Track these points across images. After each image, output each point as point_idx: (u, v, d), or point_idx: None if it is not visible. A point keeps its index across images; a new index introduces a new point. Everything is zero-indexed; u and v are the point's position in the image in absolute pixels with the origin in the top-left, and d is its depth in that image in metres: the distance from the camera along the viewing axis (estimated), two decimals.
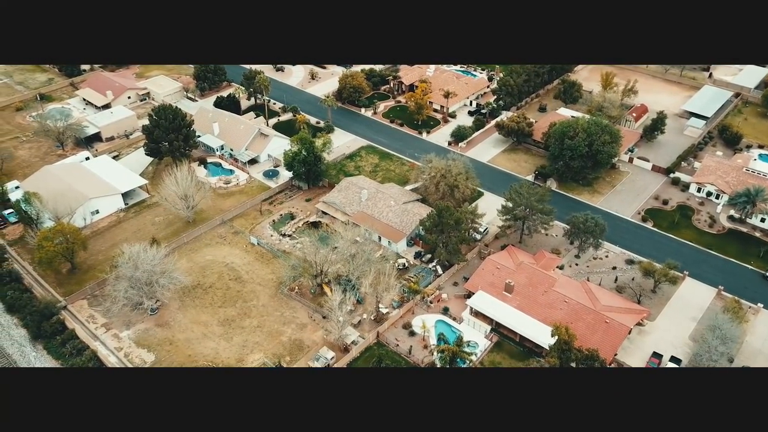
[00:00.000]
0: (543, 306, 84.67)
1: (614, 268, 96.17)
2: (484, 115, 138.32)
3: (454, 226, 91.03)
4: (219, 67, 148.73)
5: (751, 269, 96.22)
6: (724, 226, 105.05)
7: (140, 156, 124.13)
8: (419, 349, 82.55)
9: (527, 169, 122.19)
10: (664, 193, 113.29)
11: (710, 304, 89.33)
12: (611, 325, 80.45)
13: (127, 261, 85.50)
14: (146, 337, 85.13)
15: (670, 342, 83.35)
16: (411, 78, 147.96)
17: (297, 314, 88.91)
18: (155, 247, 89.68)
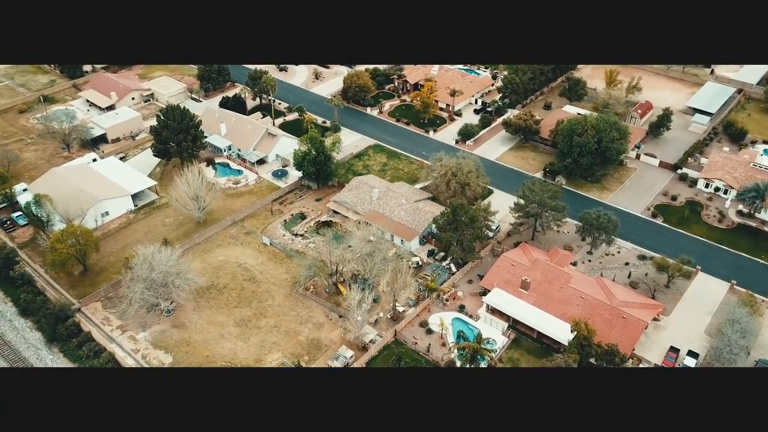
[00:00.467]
0: (559, 302, 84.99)
1: (627, 264, 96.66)
2: (490, 113, 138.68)
3: (469, 223, 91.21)
4: (223, 68, 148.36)
5: (762, 263, 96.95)
6: (734, 221, 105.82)
7: (147, 157, 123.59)
8: (437, 346, 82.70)
9: (535, 166, 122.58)
10: (673, 189, 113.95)
11: (724, 299, 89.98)
12: (628, 320, 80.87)
13: (142, 262, 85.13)
14: (163, 339, 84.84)
15: (686, 336, 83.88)
16: (416, 77, 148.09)
17: (313, 313, 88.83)
18: (169, 248, 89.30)
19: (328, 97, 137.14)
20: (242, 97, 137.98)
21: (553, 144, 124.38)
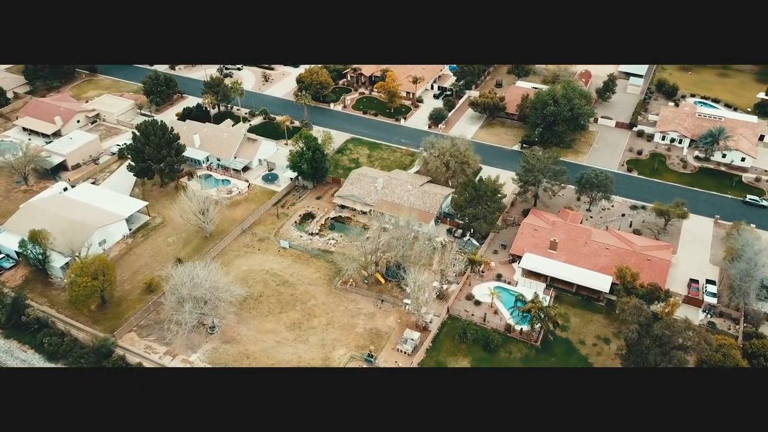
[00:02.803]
0: (587, 256, 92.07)
1: (623, 215, 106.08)
2: (451, 95, 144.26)
3: (492, 196, 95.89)
4: (170, 79, 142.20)
5: (730, 198, 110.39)
6: (695, 166, 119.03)
7: (122, 178, 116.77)
8: (491, 316, 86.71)
9: (509, 140, 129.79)
10: (635, 145, 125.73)
11: (713, 233, 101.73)
12: (653, 261, 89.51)
13: (184, 282, 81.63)
14: (219, 356, 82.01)
15: (697, 269, 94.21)
16: (370, 69, 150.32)
17: (360, 305, 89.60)
18: (207, 263, 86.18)
19: (293, 95, 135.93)
20: (205, 106, 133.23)
21: (520, 118, 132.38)
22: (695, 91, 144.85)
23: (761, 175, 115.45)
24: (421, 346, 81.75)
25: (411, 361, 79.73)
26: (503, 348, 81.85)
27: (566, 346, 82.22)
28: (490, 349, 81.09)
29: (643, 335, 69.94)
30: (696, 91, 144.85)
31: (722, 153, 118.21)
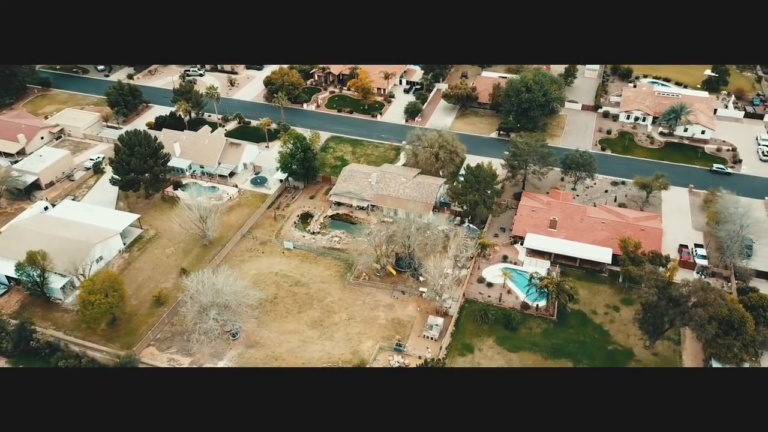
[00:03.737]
0: (585, 231, 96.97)
1: (606, 191, 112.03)
2: (421, 88, 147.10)
3: (489, 182, 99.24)
4: (134, 89, 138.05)
5: (698, 167, 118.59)
6: (661, 141, 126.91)
7: (102, 193, 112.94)
8: (505, 296, 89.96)
9: (484, 128, 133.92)
10: (603, 125, 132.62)
11: (690, 201, 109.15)
12: (647, 231, 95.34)
13: (204, 290, 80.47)
14: (246, 361, 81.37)
15: (683, 235, 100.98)
16: (338, 67, 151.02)
17: (377, 297, 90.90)
18: (223, 269, 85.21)
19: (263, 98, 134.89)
20: (180, 114, 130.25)
21: (492, 107, 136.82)
22: (647, 72, 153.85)
23: (721, 146, 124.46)
24: (446, 331, 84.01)
25: (439, 346, 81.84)
26: (523, 325, 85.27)
27: (580, 317, 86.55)
28: (512, 326, 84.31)
29: (661, 297, 74.83)
30: (648, 72, 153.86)
31: (684, 128, 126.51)
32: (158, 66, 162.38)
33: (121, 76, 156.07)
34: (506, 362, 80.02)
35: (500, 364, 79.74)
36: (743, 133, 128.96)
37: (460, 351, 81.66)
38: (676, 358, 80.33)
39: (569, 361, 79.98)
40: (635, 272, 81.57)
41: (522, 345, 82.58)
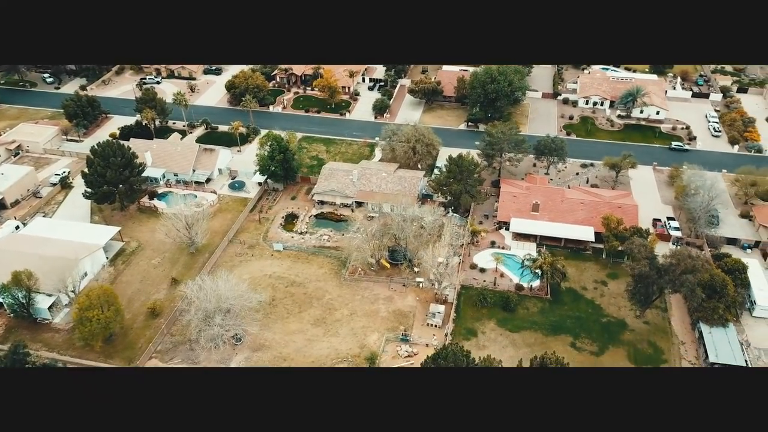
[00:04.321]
0: (566, 212, 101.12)
1: (577, 174, 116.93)
2: (385, 85, 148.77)
3: (473, 170, 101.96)
4: (93, 100, 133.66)
5: (658, 146, 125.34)
6: (620, 124, 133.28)
7: (73, 208, 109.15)
8: (498, 279, 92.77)
9: (452, 121, 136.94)
10: (565, 111, 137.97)
11: (655, 177, 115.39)
12: (624, 208, 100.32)
13: (206, 297, 79.49)
14: (256, 364, 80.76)
15: (654, 209, 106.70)
16: (300, 68, 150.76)
17: (375, 291, 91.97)
18: (223, 274, 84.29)
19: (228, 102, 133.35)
20: (145, 122, 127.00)
21: (457, 99, 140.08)
22: None
23: (675, 125, 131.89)
24: (448, 318, 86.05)
25: (444, 332, 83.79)
26: (520, 305, 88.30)
27: (572, 294, 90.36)
28: (510, 308, 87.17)
29: (651, 268, 79.28)
30: None
31: (640, 109, 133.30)
32: (111, 75, 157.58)
33: (73, 88, 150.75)
34: (509, 343, 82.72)
35: (503, 345, 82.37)
36: (693, 112, 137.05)
37: (465, 335, 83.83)
38: (666, 325, 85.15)
39: (569, 336, 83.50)
40: (626, 246, 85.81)
41: (522, 325, 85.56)
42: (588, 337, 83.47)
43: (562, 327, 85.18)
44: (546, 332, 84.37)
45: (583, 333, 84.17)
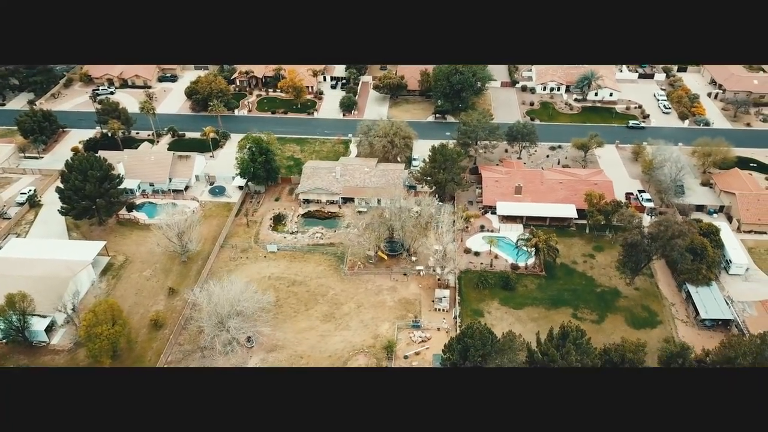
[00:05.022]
0: (547, 193, 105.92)
1: (548, 156, 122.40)
2: (347, 82, 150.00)
3: (457, 159, 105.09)
4: (49, 114, 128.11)
5: (616, 125, 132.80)
6: (578, 107, 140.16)
7: (47, 226, 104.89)
8: (493, 261, 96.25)
9: (419, 114, 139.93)
10: (524, 98, 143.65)
11: (619, 155, 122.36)
12: (600, 184, 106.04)
13: (219, 301, 78.79)
14: (274, 365, 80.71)
15: (623, 184, 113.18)
16: (261, 69, 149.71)
17: (378, 282, 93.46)
18: (231, 278, 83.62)
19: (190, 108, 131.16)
20: (111, 133, 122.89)
21: (421, 93, 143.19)
22: None
23: (629, 105, 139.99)
24: (453, 301, 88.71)
25: (452, 315, 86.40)
26: (519, 284, 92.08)
27: (565, 269, 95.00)
28: (510, 287, 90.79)
29: (642, 236, 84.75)
30: None
31: (595, 92, 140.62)
32: (59, 89, 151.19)
33: (20, 104, 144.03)
34: (515, 320, 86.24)
35: (510, 322, 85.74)
36: (641, 92, 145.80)
37: (472, 317, 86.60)
38: (654, 289, 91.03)
39: (569, 308, 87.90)
40: (617, 218, 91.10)
41: (524, 302, 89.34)
42: (587, 307, 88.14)
43: (561, 300, 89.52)
44: (547, 306, 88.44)
45: (581, 304, 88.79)
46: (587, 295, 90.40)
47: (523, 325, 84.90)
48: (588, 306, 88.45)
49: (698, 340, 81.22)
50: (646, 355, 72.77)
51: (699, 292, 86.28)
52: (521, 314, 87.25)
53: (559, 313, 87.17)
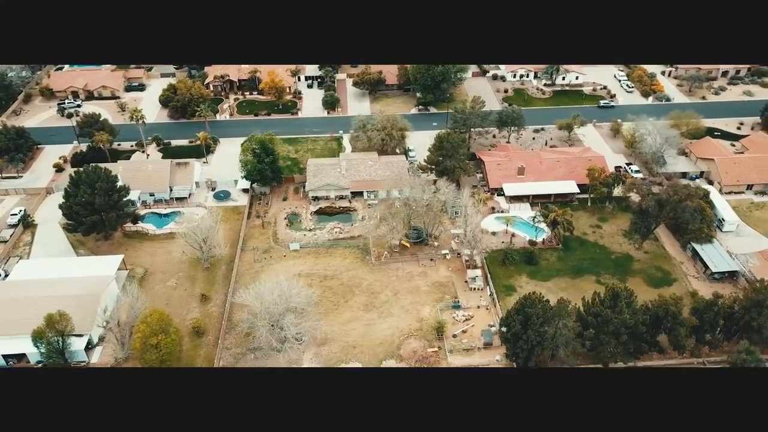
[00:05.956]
0: (547, 171, 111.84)
1: (533, 139, 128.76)
2: (324, 80, 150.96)
3: (462, 144, 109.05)
4: (22, 130, 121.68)
5: (588, 106, 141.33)
6: (550, 91, 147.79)
7: (50, 246, 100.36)
8: (509, 239, 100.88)
9: (401, 107, 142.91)
10: (498, 86, 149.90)
11: (599, 132, 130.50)
12: (594, 160, 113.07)
13: (271, 300, 78.85)
14: (329, 357, 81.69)
15: (610, 158, 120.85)
16: (235, 73, 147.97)
17: (407, 269, 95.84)
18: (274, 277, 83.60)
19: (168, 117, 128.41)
20: (99, 146, 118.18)
21: (399, 86, 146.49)
22: None
23: (594, 86, 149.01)
24: (486, 279, 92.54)
25: (488, 293, 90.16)
26: (540, 258, 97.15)
27: (578, 241, 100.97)
28: (534, 261, 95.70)
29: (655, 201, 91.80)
30: None
31: (562, 76, 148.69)
32: (19, 105, 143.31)
33: None
34: (546, 290, 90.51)
35: (543, 291, 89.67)
36: (603, 74, 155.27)
37: (506, 292, 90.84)
38: (662, 251, 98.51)
39: (591, 276, 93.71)
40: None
41: (549, 274, 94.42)
42: (607, 273, 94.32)
43: (582, 269, 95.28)
44: (572, 276, 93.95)
45: (601, 270, 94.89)
46: (604, 262, 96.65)
47: (555, 295, 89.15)
48: (608, 272, 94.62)
49: (711, 292, 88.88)
50: (684, 308, 79.22)
51: (705, 249, 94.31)
52: (550, 285, 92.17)
53: (584, 280, 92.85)
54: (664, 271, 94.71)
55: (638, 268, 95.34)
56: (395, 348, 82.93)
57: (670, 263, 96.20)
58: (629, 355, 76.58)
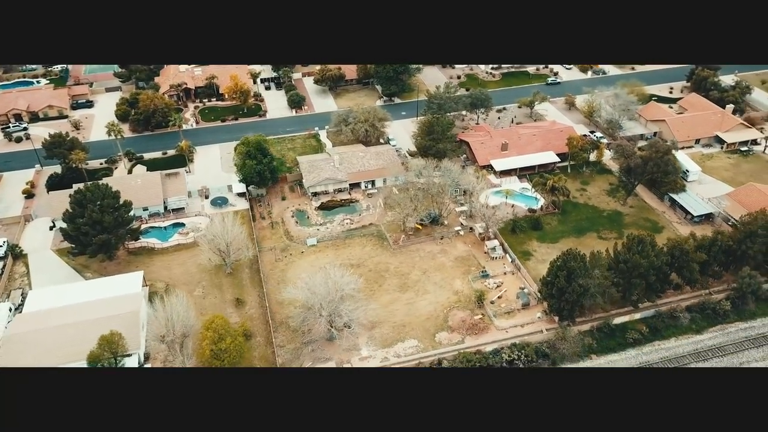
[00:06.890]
0: (528, 144, 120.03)
1: (499, 118, 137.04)
2: (281, 81, 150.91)
3: (450, 127, 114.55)
4: None
5: (536, 84, 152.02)
6: (498, 74, 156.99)
7: (50, 274, 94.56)
8: (510, 210, 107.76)
9: (366, 100, 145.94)
10: (450, 74, 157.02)
11: (555, 107, 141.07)
12: (564, 131, 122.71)
13: (326, 292, 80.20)
14: (383, 338, 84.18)
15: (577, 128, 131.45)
16: (192, 81, 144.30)
17: (427, 249, 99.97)
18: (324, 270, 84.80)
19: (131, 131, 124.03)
20: (76, 165, 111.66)
21: (359, 81, 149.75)
22: None
23: (537, 66, 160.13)
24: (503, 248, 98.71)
25: (510, 260, 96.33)
26: (543, 223, 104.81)
27: (571, 204, 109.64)
28: (539, 227, 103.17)
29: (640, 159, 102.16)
30: None
31: None
32: None
33: None
34: (558, 251, 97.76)
35: (554, 253, 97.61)
36: None
37: (524, 257, 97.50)
38: (644, 204, 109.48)
39: (593, 233, 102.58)
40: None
41: (555, 236, 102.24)
42: (605, 229, 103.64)
43: (582, 228, 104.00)
44: (576, 236, 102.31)
45: (599, 227, 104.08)
46: (600, 220, 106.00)
47: None
48: (605, 227, 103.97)
49: (695, 232, 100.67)
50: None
51: (681, 198, 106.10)
52: (560, 246, 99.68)
53: (588, 237, 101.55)
54: (651, 221, 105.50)
55: (629, 221, 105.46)
56: (442, 321, 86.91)
57: (654, 213, 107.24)
58: (654, 294, 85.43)
